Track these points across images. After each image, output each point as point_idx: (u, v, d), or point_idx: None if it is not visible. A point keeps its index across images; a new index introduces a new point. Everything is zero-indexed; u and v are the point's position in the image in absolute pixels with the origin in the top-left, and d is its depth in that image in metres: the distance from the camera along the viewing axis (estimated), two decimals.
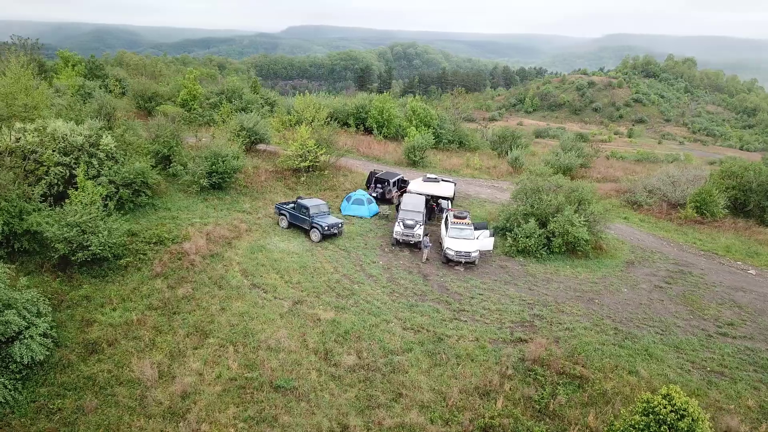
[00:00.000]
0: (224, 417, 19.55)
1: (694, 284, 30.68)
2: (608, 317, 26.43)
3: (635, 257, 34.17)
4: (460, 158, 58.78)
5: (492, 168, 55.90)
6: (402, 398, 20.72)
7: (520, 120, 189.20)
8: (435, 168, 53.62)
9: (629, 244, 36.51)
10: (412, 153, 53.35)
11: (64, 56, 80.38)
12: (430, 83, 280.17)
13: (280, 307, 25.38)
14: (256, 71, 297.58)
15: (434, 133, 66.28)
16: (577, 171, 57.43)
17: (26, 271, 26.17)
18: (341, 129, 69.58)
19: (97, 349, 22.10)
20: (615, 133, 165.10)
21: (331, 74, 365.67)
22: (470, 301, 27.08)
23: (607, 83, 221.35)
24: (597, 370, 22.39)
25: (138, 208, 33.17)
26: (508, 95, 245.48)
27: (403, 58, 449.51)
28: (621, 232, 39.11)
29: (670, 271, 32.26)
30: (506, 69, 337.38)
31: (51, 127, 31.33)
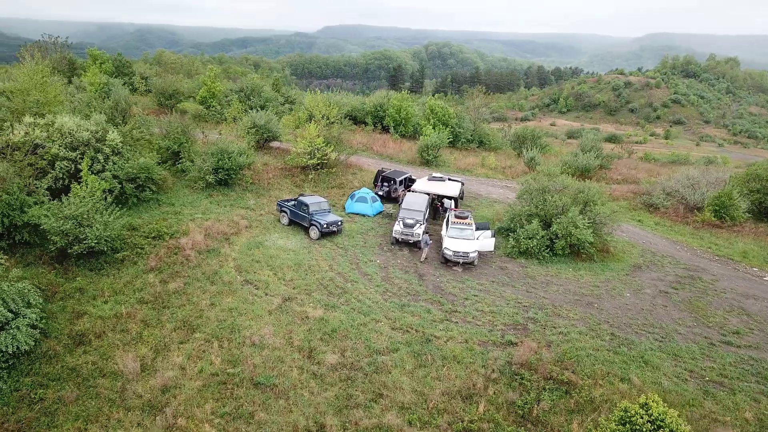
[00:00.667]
0: (201, 412, 19.55)
1: (702, 290, 29.50)
2: (606, 322, 25.58)
3: (644, 261, 33.06)
4: (476, 158, 58.00)
5: (507, 168, 55.00)
6: (382, 399, 20.40)
7: (554, 120, 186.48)
8: (448, 167, 53.05)
9: (639, 247, 35.37)
10: (426, 152, 52.87)
11: (93, 54, 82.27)
12: (463, 82, 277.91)
13: (269, 303, 25.33)
14: (291, 70, 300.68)
15: (452, 132, 65.70)
16: (596, 172, 56.05)
17: (25, 262, 26.76)
18: (358, 127, 69.69)
19: (84, 341, 22.39)
20: (651, 134, 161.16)
21: (365, 73, 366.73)
22: (464, 302, 26.57)
23: (644, 83, 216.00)
24: (587, 376, 21.67)
25: (142, 203, 33.63)
26: (542, 95, 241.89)
27: (438, 57, 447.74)
28: (633, 235, 37.93)
29: (678, 276, 31.11)
30: (541, 69, 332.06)
31: (58, 123, 31.96)
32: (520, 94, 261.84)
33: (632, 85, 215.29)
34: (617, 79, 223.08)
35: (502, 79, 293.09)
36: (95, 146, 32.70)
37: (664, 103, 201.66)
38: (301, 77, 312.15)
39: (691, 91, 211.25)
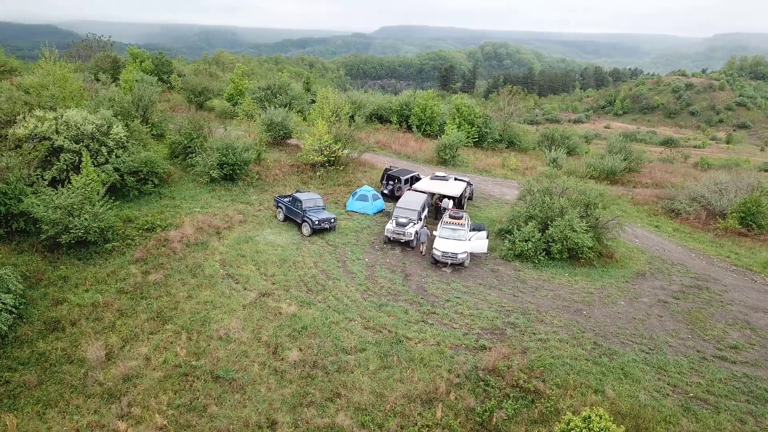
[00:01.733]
0: (157, 403, 19.64)
1: (706, 301, 27.73)
2: (591, 330, 24.34)
3: (649, 268, 31.37)
4: (498, 158, 56.67)
5: (529, 169, 53.44)
6: (339, 398, 19.99)
7: (608, 123, 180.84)
8: (467, 167, 52.05)
9: (649, 254, 33.62)
10: (443, 151, 52.02)
11: (133, 53, 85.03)
12: (516, 83, 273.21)
13: (245, 298, 25.31)
14: (345, 70, 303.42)
15: (478, 131, 64.57)
16: (624, 175, 53.80)
17: (19, 250, 27.65)
18: (383, 126, 69.41)
19: (58, 328, 22.90)
20: (712, 138, 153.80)
21: (420, 74, 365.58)
22: (444, 304, 25.82)
23: (707, 85, 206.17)
24: (557, 386, 20.62)
25: (144, 196, 34.32)
26: (598, 96, 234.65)
27: (494, 58, 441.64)
28: (647, 241, 36.12)
29: (684, 286, 29.35)
30: (598, 69, 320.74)
31: (65, 116, 32.97)
32: (574, 95, 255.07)
33: (694, 86, 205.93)
34: (678, 80, 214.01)
35: (557, 80, 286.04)
36: (100, 139, 33.57)
37: (728, 106, 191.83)
38: (356, 77, 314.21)
39: (759, 94, 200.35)
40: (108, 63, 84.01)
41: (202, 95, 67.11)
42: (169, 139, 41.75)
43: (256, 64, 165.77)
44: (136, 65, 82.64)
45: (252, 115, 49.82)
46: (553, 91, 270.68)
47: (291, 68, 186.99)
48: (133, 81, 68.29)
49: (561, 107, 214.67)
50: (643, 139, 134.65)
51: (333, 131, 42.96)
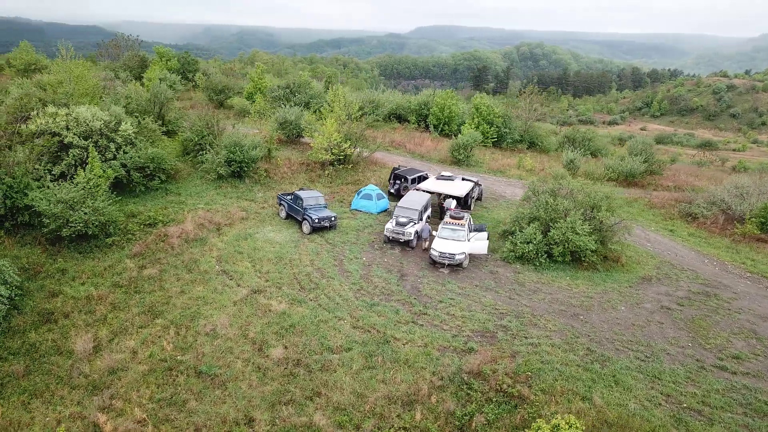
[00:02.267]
0: (138, 396, 19.78)
1: (713, 309, 26.68)
2: (586, 335, 23.64)
3: (656, 273, 30.37)
4: (514, 159, 55.76)
5: (545, 170, 52.39)
6: (319, 398, 19.82)
7: (644, 125, 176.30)
8: (480, 167, 51.38)
9: (659, 258, 32.55)
10: (457, 151, 51.44)
11: (160, 52, 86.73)
12: (550, 84, 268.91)
13: (237, 294, 25.36)
14: (379, 70, 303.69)
15: (497, 131, 63.78)
16: (645, 178, 52.34)
17: (24, 242, 28.26)
18: (401, 125, 69.13)
19: (51, 319, 23.29)
20: (753, 141, 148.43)
21: (454, 74, 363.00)
22: (437, 305, 25.42)
23: (750, 87, 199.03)
24: (543, 391, 20.04)
25: (150, 191, 34.76)
26: (634, 98, 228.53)
27: (529, 58, 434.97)
28: (659, 245, 35.01)
29: (691, 292, 28.31)
30: (636, 70, 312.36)
31: (75, 113, 33.62)
32: (610, 96, 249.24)
33: (736, 88, 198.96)
34: (719, 81, 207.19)
35: (593, 80, 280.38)
36: (109, 135, 34.13)
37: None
38: (390, 77, 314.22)
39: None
40: (136, 62, 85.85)
41: (222, 93, 67.89)
42: (182, 136, 42.24)
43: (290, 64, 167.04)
44: (162, 64, 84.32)
45: (264, 113, 50.06)
46: (588, 92, 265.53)
47: (324, 68, 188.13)
48: (156, 79, 69.95)
49: (596, 108, 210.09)
50: (680, 141, 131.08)
51: (343, 130, 42.83)
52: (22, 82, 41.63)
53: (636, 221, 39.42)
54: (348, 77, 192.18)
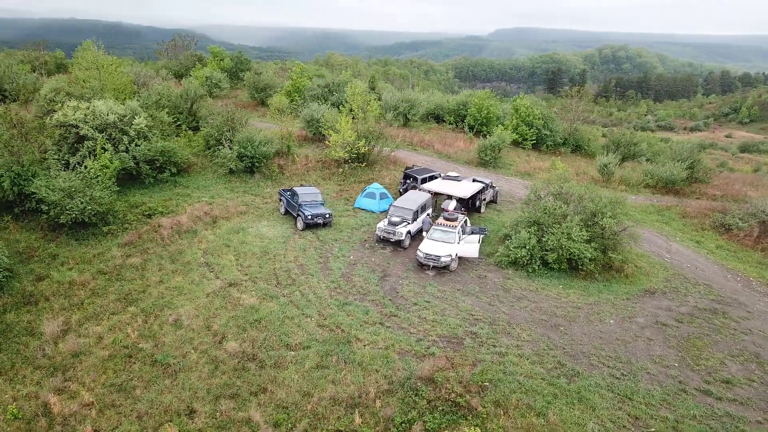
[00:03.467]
0: (93, 380, 20.18)
1: (715, 327, 24.40)
2: (561, 348, 22.16)
3: (664, 286, 28.17)
4: (546, 162, 53.57)
5: (579, 175, 50.03)
6: (264, 394, 19.53)
7: (731, 132, 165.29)
8: (507, 170, 49.68)
9: (673, 270, 30.22)
10: (484, 152, 49.96)
11: (214, 51, 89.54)
12: (629, 87, 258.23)
13: (212, 286, 25.49)
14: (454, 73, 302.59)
15: (536, 133, 61.59)
16: (689, 186, 48.91)
17: (28, 227, 29.61)
18: (438, 125, 68.12)
19: (32, 301, 24.21)
20: None
21: (531, 77, 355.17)
22: (410, 308, 24.59)
23: None
24: (495, 403, 18.92)
25: (159, 183, 35.69)
26: (721, 103, 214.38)
27: (611, 61, 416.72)
28: (679, 256, 32.54)
29: (696, 308, 26.05)
30: (725, 73, 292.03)
31: (92, 107, 35.02)
32: (695, 101, 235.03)
33: None
34: None
35: (676, 84, 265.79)
36: (123, 129, 35.34)
37: None
38: (465, 80, 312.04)
39: None
40: (192, 61, 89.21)
41: (263, 92, 69.19)
42: (203, 131, 43.22)
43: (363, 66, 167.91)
44: (215, 63, 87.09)
45: (283, 110, 50.50)
46: (671, 96, 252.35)
47: (396, 70, 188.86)
48: (202, 77, 72.25)
49: (677, 114, 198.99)
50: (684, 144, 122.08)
51: (359, 128, 42.51)
52: (59, 78, 43.86)
53: (661, 231, 36.93)
54: (419, 79, 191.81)
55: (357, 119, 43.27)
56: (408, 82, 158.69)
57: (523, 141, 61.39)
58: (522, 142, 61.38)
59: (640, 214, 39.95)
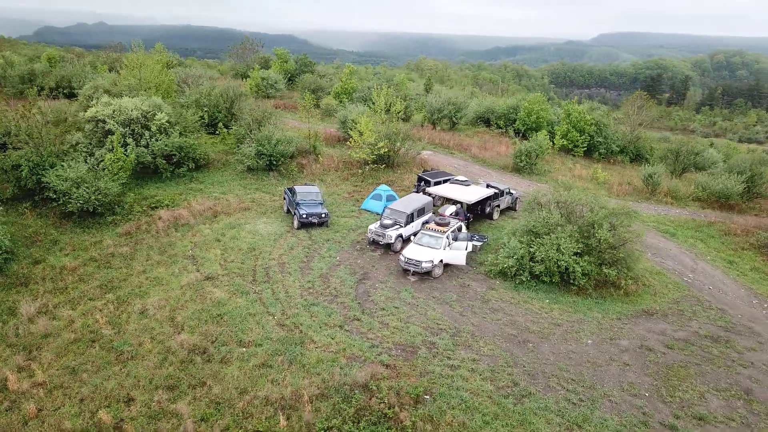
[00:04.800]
0: (51, 361, 21.04)
1: (709, 357, 21.87)
2: (522, 366, 20.66)
3: (668, 308, 25.66)
4: (587, 169, 50.58)
5: (621, 185, 46.87)
6: (202, 388, 19.57)
7: None
8: (541, 176, 47.38)
9: (687, 291, 27.51)
10: (519, 158, 47.95)
11: (278, 54, 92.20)
12: (738, 95, 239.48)
13: (189, 279, 25.93)
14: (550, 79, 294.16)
15: (588, 140, 58.46)
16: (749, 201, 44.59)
17: (44, 214, 31.46)
18: (487, 129, 66.34)
19: (24, 283, 25.69)
20: None
21: (633, 84, 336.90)
22: (376, 312, 23.85)
23: None
24: (428, 419, 17.89)
25: (176, 178, 36.92)
26: None
27: (725, 68, 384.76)
28: (703, 276, 29.62)
29: (696, 334, 23.49)
30: None
31: (118, 103, 36.85)
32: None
33: None
34: None
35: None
36: (145, 124, 36.91)
37: None
38: (561, 86, 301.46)
39: None
40: (258, 62, 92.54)
41: (315, 93, 70.35)
42: (233, 129, 44.37)
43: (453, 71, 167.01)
44: (279, 65, 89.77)
45: (311, 110, 50.83)
46: None
47: (486, 75, 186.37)
48: (258, 78, 74.56)
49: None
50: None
51: (381, 129, 42.02)
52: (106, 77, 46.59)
53: (692, 248, 33.84)
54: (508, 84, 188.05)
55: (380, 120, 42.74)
56: (498, 86, 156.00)
57: (574, 148, 58.55)
58: (573, 149, 58.55)
59: (675, 228, 36.87)
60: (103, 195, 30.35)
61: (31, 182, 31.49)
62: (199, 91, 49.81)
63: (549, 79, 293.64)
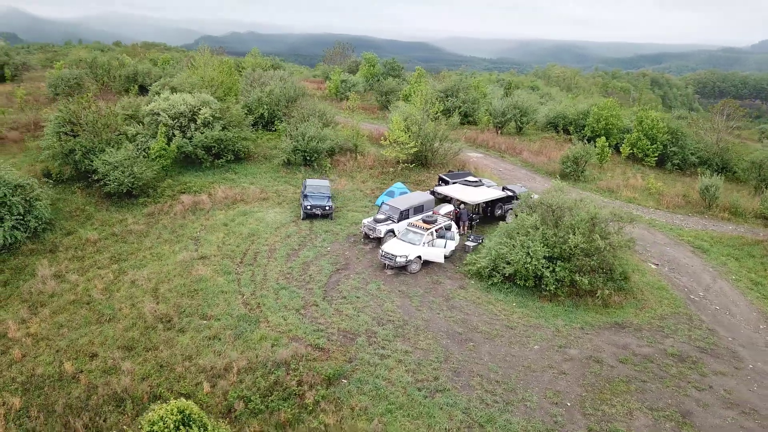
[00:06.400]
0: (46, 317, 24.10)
1: (661, 376, 20.37)
2: (452, 362, 20.65)
3: (648, 323, 24.00)
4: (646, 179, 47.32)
5: (678, 197, 43.49)
6: (154, 351, 21.64)
7: None
8: (587, 184, 45.26)
9: (685, 309, 25.57)
10: (566, 164, 46.14)
11: (366, 57, 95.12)
12: None
13: (185, 256, 28.36)
14: (696, 88, 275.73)
15: (661, 149, 54.70)
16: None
17: (91, 194, 35.58)
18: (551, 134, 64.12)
19: (52, 250, 29.48)
20: None
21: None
22: (336, 300, 24.77)
23: None
24: (333, 401, 18.66)
25: (214, 168, 40.04)
26: None
27: None
28: (715, 296, 27.28)
29: (663, 352, 21.87)
30: None
31: (170, 99, 40.73)
32: None
33: None
34: None
35: None
36: (192, 117, 40.46)
37: None
38: (708, 97, 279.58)
39: None
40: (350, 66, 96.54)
41: (385, 96, 71.95)
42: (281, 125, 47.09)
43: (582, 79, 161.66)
44: (367, 68, 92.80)
45: (354, 109, 52.15)
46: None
47: (616, 83, 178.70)
48: (338, 80, 77.70)
49: None
50: None
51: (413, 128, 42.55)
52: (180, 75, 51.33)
53: (720, 265, 31.12)
54: (641, 93, 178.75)
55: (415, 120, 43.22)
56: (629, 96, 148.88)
57: (645, 157, 55.04)
58: (644, 158, 55.05)
59: (712, 244, 33.97)
60: (137, 179, 33.83)
61: (84, 165, 35.80)
62: (262, 90, 53.23)
63: (694, 88, 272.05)
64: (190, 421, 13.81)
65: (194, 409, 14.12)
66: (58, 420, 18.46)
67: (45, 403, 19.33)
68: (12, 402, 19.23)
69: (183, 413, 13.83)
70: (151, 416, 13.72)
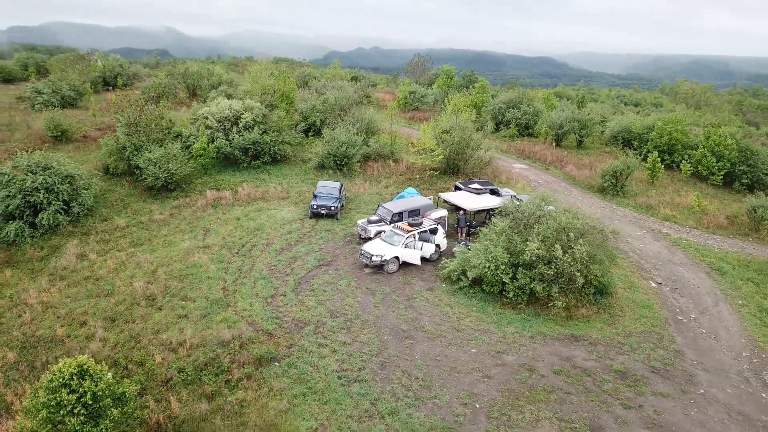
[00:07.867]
0: (61, 288, 27.68)
1: (589, 390, 19.67)
2: (383, 356, 21.38)
3: (609, 338, 23.03)
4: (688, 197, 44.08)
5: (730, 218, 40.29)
6: (131, 324, 24.29)
7: None
8: (624, 198, 43.18)
9: (657, 328, 24.24)
10: (604, 178, 44.30)
11: (444, 70, 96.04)
12: None
13: (191, 244, 31.08)
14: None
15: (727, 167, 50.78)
16: None
17: (136, 187, 39.68)
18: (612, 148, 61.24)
19: (86, 233, 33.47)
20: None
21: None
22: (303, 292, 26.19)
23: None
24: (255, 379, 20.18)
25: (251, 168, 43.03)
26: None
27: None
28: (708, 318, 25.56)
29: (608, 368, 21.02)
30: None
31: (215, 105, 44.41)
32: None
33: None
34: None
35: None
36: (234, 121, 43.83)
37: None
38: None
39: None
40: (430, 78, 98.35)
41: None
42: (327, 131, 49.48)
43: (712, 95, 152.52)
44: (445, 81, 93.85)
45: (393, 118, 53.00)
46: None
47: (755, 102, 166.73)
48: (407, 91, 79.38)
49: None
50: None
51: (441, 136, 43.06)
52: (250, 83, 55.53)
53: (730, 287, 29.00)
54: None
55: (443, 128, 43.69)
56: None
57: (710, 175, 51.32)
58: (710, 176, 51.34)
59: (735, 267, 31.62)
60: (171, 174, 37.39)
61: (134, 161, 40.09)
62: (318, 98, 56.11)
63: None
64: (85, 374, 15.83)
65: (92, 365, 16.13)
66: (37, 375, 21.44)
67: (32, 360, 22.47)
68: (9, 357, 22.53)
69: (81, 367, 15.88)
70: (53, 368, 15.92)
